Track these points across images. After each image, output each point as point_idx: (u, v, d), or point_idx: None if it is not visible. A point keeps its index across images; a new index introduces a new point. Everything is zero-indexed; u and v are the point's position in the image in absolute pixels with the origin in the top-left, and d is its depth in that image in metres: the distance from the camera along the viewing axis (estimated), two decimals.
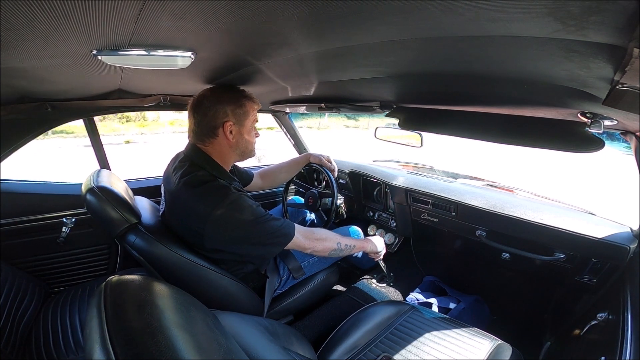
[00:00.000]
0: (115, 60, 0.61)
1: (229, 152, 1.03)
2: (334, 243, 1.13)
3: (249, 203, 0.94)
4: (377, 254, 1.31)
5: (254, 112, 1.04)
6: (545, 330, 1.32)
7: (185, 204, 0.93)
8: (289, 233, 0.99)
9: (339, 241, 1.14)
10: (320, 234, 1.10)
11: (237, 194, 0.93)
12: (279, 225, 0.97)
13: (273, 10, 0.42)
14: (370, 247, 1.26)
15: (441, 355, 0.91)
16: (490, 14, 0.35)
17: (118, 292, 0.41)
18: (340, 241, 1.14)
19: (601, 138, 0.75)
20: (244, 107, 1.01)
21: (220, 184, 0.95)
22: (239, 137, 1.02)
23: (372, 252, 1.29)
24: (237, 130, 1.01)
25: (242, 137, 1.03)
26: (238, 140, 1.02)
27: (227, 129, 0.98)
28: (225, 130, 0.98)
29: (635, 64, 0.33)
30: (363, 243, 1.26)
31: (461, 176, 1.73)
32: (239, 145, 1.04)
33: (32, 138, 1.24)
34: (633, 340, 0.68)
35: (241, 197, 0.94)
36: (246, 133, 1.04)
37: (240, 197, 0.93)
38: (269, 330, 0.75)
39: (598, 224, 1.10)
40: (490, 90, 0.75)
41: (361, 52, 0.60)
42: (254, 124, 1.06)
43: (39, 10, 0.38)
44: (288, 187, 1.79)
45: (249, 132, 1.05)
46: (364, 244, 1.25)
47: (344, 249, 1.15)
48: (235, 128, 1.00)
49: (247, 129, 1.04)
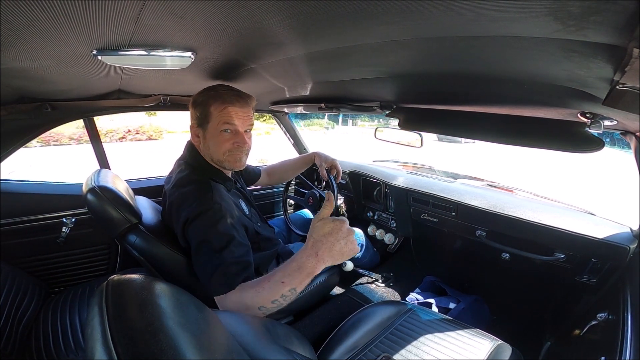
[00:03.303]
0: (115, 60, 0.61)
1: (205, 157, 0.96)
2: (269, 302, 0.73)
3: (217, 223, 0.81)
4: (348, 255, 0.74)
5: (219, 114, 0.88)
6: (545, 330, 1.32)
7: (171, 203, 0.93)
8: (221, 286, 0.77)
9: (274, 299, 0.72)
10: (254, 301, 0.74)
11: (212, 207, 0.83)
12: (224, 269, 0.77)
13: (273, 10, 0.42)
14: (319, 265, 0.68)
15: (441, 355, 0.91)
16: (491, 14, 0.35)
17: (119, 291, 0.41)
18: (275, 297, 0.72)
19: (601, 138, 0.75)
20: (205, 109, 0.89)
21: (203, 188, 0.88)
22: (204, 142, 0.92)
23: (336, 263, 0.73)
24: (202, 134, 0.91)
25: (205, 141, 0.92)
26: (204, 146, 0.93)
27: (192, 131, 0.93)
28: (192, 133, 0.93)
29: (635, 64, 0.33)
30: (308, 271, 0.69)
31: (461, 176, 1.73)
32: (206, 152, 0.94)
33: (32, 138, 1.24)
34: (633, 340, 0.68)
35: (214, 212, 0.83)
36: (208, 137, 0.91)
37: (213, 212, 0.83)
38: (269, 330, 0.74)
39: (598, 224, 1.11)
40: (490, 90, 0.75)
41: (361, 52, 0.60)
42: (220, 126, 0.89)
43: (39, 10, 0.38)
44: (288, 187, 1.79)
45: (211, 137, 0.90)
46: (310, 269, 0.69)
47: (289, 296, 0.72)
48: (200, 131, 0.91)
49: (211, 134, 0.90)
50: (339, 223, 0.68)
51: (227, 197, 0.95)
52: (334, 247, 0.67)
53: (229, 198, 0.95)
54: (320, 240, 0.67)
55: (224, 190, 0.96)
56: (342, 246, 0.67)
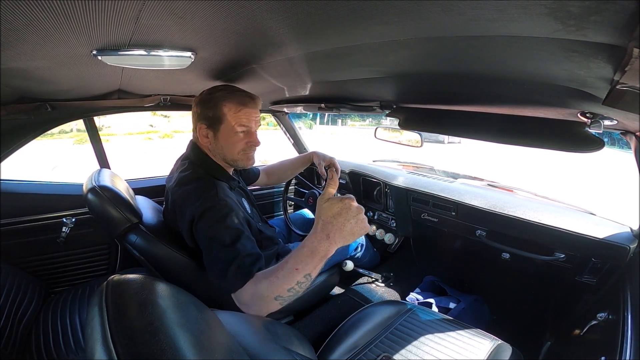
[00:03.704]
0: (115, 60, 0.61)
1: (213, 156, 0.97)
2: (285, 290, 0.71)
3: (225, 219, 0.82)
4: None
5: (234, 115, 0.90)
6: (545, 330, 1.32)
7: (174, 202, 0.93)
8: (237, 278, 0.75)
9: (289, 287, 0.70)
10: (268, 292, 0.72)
11: (217, 203, 0.84)
12: (239, 261, 0.76)
13: (273, 10, 0.42)
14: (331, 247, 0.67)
15: (441, 355, 0.91)
16: (490, 13, 0.35)
17: (119, 291, 0.41)
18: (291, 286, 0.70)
19: (601, 138, 0.75)
20: (218, 110, 0.90)
21: (207, 185, 0.89)
22: (214, 142, 0.94)
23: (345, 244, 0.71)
24: (212, 135, 0.93)
25: (217, 142, 0.93)
26: (213, 145, 0.95)
27: (200, 132, 0.93)
28: (199, 133, 0.93)
29: (635, 64, 0.33)
30: (321, 254, 0.68)
31: (461, 176, 1.73)
32: (216, 150, 0.95)
33: (32, 138, 1.24)
34: (633, 340, 0.68)
35: (220, 208, 0.83)
36: (222, 138, 0.93)
37: (219, 208, 0.83)
38: (269, 330, 0.74)
39: (598, 224, 1.10)
40: (490, 90, 0.75)
41: (361, 52, 0.60)
42: (236, 128, 0.91)
43: (39, 10, 0.38)
44: (288, 187, 1.80)
45: (226, 138, 0.92)
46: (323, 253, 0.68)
47: (304, 282, 0.70)
48: (210, 132, 0.92)
49: (224, 134, 0.92)
50: (348, 202, 0.66)
51: (231, 194, 0.95)
52: (345, 228, 0.65)
53: (232, 196, 0.96)
54: (330, 221, 0.65)
55: (227, 189, 0.96)
56: (353, 225, 0.65)
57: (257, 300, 0.74)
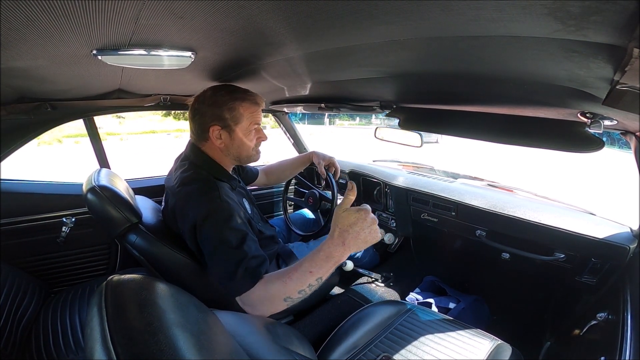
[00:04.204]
0: (115, 60, 0.61)
1: (222, 155, 0.99)
2: (295, 292, 0.75)
3: (229, 220, 0.83)
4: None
5: (250, 115, 0.95)
6: (545, 330, 1.32)
7: (175, 202, 0.93)
8: (246, 280, 0.76)
9: (301, 289, 0.75)
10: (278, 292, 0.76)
11: (220, 205, 0.85)
12: (246, 263, 0.77)
13: (273, 10, 0.42)
14: (345, 253, 0.73)
15: (441, 355, 0.91)
16: (490, 14, 0.35)
17: (119, 291, 0.41)
18: (302, 288, 0.75)
19: (601, 138, 0.75)
20: (235, 110, 0.93)
21: (209, 186, 0.90)
22: (230, 142, 0.96)
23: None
24: (227, 135, 0.95)
25: (233, 142, 0.96)
26: (228, 145, 0.97)
27: (214, 133, 0.94)
28: (212, 134, 0.94)
29: (635, 64, 0.33)
30: (335, 259, 0.73)
31: (461, 176, 1.73)
32: (230, 150, 0.98)
33: (32, 138, 1.24)
34: (633, 340, 0.68)
35: (223, 210, 0.84)
36: (239, 138, 0.96)
37: (222, 209, 0.84)
38: (269, 330, 0.74)
39: (598, 224, 1.10)
40: (490, 90, 0.75)
41: (361, 52, 0.60)
42: (251, 127, 0.97)
43: (39, 10, 0.38)
44: (288, 187, 1.79)
45: (243, 136, 0.97)
46: (337, 258, 0.73)
47: (315, 285, 0.76)
48: (225, 132, 0.94)
49: (241, 133, 0.96)
50: (364, 213, 0.71)
51: (232, 195, 0.95)
52: (359, 236, 0.71)
53: (234, 196, 0.96)
54: (347, 230, 0.70)
55: (228, 189, 0.96)
56: (367, 234, 0.71)
57: (266, 301, 0.77)
